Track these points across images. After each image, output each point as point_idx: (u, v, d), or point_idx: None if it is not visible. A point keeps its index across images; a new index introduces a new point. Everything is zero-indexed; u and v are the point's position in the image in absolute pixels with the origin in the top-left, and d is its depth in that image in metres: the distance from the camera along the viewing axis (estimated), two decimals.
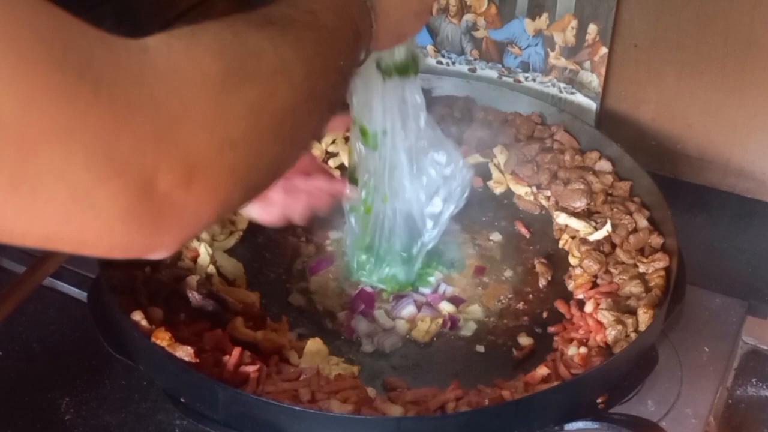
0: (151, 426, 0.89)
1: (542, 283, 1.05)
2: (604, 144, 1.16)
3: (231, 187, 0.51)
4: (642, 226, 1.04)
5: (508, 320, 1.02)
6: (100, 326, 0.89)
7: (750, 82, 1.17)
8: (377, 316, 1.01)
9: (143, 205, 0.45)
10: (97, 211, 0.43)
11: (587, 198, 1.10)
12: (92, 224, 0.44)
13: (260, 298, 1.00)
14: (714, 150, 1.25)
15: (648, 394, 0.92)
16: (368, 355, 0.97)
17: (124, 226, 0.45)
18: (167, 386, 0.85)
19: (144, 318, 0.87)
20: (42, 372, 0.95)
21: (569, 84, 1.27)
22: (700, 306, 1.05)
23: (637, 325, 0.91)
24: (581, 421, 0.83)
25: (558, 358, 0.91)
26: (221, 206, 0.51)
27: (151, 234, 0.47)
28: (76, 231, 0.44)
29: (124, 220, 0.45)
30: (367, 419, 0.81)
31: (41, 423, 0.90)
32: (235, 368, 0.85)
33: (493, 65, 1.32)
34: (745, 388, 1.01)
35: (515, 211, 1.16)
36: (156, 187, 0.45)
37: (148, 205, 0.45)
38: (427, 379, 0.93)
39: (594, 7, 1.20)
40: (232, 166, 0.50)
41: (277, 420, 0.79)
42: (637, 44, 1.22)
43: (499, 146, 1.21)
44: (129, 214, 0.45)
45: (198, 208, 0.49)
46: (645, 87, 1.25)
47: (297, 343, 0.94)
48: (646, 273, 0.99)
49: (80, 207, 0.43)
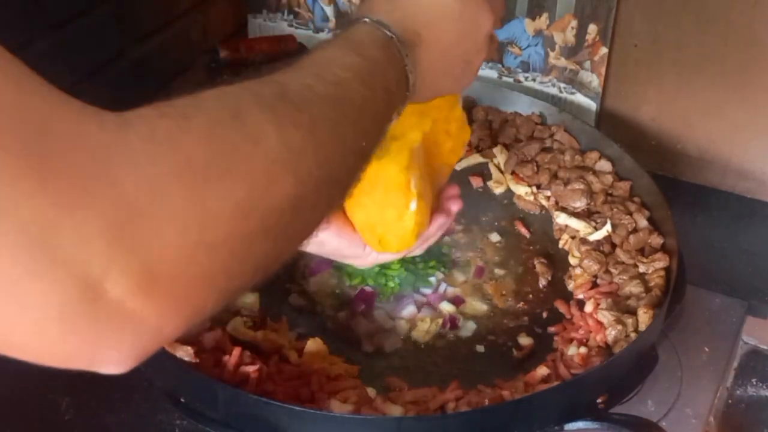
0: (151, 426, 0.89)
1: (542, 283, 1.05)
2: (604, 144, 1.17)
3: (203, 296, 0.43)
4: (642, 226, 1.04)
5: (508, 320, 1.02)
6: None
7: (750, 82, 1.17)
8: (377, 316, 1.01)
9: (83, 311, 0.38)
10: (23, 310, 0.37)
11: (587, 198, 1.10)
12: (18, 323, 0.37)
13: (260, 298, 1.00)
14: (714, 150, 1.25)
15: (648, 394, 0.92)
16: (368, 355, 0.97)
17: (57, 331, 0.38)
18: (167, 386, 0.85)
19: None
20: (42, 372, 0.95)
21: (569, 84, 1.27)
22: (700, 306, 1.05)
23: (637, 325, 0.91)
24: (581, 421, 0.83)
25: (558, 358, 0.91)
26: (190, 317, 0.43)
27: (94, 346, 0.40)
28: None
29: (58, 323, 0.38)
30: (367, 419, 0.81)
31: (41, 423, 0.90)
32: (235, 368, 0.85)
33: (493, 65, 1.32)
34: (745, 388, 1.01)
35: (515, 211, 1.16)
36: (103, 291, 0.38)
37: (91, 311, 0.38)
38: (427, 379, 0.93)
39: (594, 7, 1.20)
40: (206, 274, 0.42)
41: (277, 420, 0.79)
42: (637, 44, 1.22)
43: (499, 146, 1.21)
44: (64, 318, 0.37)
45: (159, 322, 0.41)
46: (645, 87, 1.25)
47: (297, 343, 0.94)
48: (646, 273, 0.99)
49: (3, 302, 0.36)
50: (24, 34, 1.00)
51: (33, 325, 0.38)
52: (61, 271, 0.37)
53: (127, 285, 0.38)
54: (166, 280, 0.40)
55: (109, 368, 0.42)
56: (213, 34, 1.40)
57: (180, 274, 0.40)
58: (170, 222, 0.40)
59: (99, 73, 1.15)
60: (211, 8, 1.38)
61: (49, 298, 0.37)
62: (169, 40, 1.29)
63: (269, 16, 1.43)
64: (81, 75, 1.11)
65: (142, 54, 1.23)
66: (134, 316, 0.39)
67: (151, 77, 1.25)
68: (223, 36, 1.42)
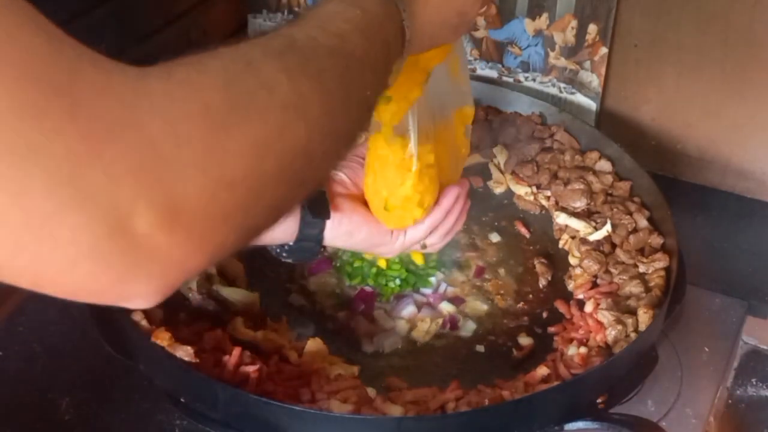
0: (151, 426, 0.89)
1: (542, 283, 1.05)
2: (604, 144, 1.16)
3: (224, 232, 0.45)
4: (642, 226, 1.04)
5: (508, 320, 1.02)
6: (100, 326, 0.89)
7: (750, 82, 1.17)
8: (377, 316, 1.01)
9: (113, 245, 0.40)
10: (55, 244, 0.39)
11: (587, 198, 1.10)
12: (50, 258, 0.39)
13: (260, 298, 1.00)
14: (714, 150, 1.25)
15: (648, 394, 0.92)
16: (368, 355, 0.97)
17: (89, 265, 0.40)
18: (167, 386, 0.85)
19: (144, 318, 0.87)
20: (42, 372, 0.95)
21: (569, 84, 1.27)
22: (700, 306, 1.05)
23: (637, 325, 0.91)
24: (581, 421, 0.83)
25: (558, 358, 0.91)
26: (212, 253, 0.45)
27: (124, 279, 0.42)
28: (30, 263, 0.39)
29: (90, 258, 0.40)
30: (367, 419, 0.81)
31: (41, 423, 0.90)
32: (235, 368, 0.85)
33: (493, 65, 1.32)
34: (745, 388, 1.01)
35: (515, 211, 1.16)
36: (131, 226, 0.40)
37: (120, 245, 0.40)
38: (427, 379, 0.93)
39: (594, 7, 1.20)
40: (226, 210, 0.45)
41: (277, 420, 0.79)
42: (637, 44, 1.22)
43: (499, 146, 1.21)
44: (95, 252, 0.39)
45: (183, 256, 0.43)
46: (645, 87, 1.25)
47: (297, 343, 0.94)
48: (646, 273, 0.99)
49: (35, 236, 0.38)
50: None
51: (65, 260, 0.39)
52: (92, 206, 0.38)
53: (153, 220, 0.40)
54: (189, 216, 0.42)
55: (136, 302, 0.44)
56: (213, 34, 1.40)
57: (202, 210, 0.43)
58: (192, 162, 0.42)
59: None
60: (211, 8, 1.38)
61: (81, 232, 0.39)
62: (169, 40, 1.29)
63: (269, 16, 1.43)
64: None
65: (142, 54, 1.23)
66: (160, 249, 0.41)
67: None
68: (223, 36, 1.42)
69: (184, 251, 0.43)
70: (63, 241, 0.39)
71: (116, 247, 0.40)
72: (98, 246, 0.39)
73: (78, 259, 0.39)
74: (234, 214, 0.45)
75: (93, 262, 0.40)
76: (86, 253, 0.39)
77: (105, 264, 0.40)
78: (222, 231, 0.45)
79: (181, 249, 0.43)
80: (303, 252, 0.86)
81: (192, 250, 0.43)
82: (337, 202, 0.86)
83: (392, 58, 0.65)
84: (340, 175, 0.89)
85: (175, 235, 0.42)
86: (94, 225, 0.39)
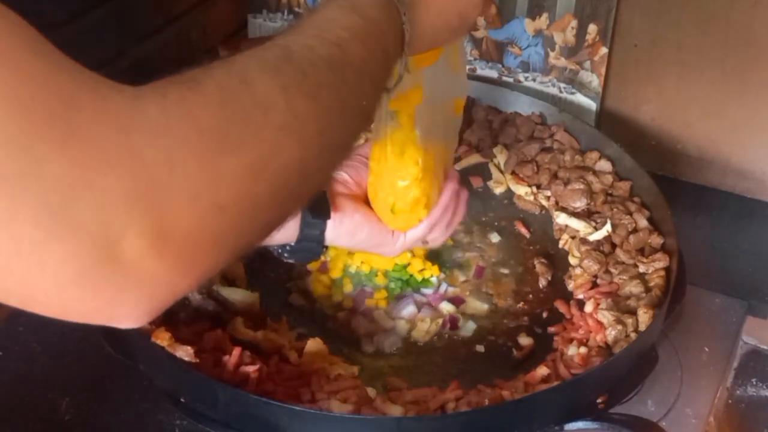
0: (151, 426, 0.89)
1: (542, 283, 1.05)
2: (604, 144, 1.16)
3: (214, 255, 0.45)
4: (642, 226, 1.04)
5: (508, 320, 1.02)
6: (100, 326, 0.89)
7: (750, 82, 1.17)
8: (377, 316, 1.01)
9: (101, 272, 0.40)
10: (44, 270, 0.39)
11: (587, 198, 1.10)
12: (37, 282, 0.39)
13: (260, 298, 1.00)
14: (714, 150, 1.25)
15: (648, 394, 0.92)
16: (368, 355, 0.97)
17: (77, 291, 0.40)
18: (167, 386, 0.85)
19: None
20: (42, 372, 0.95)
21: (569, 84, 1.27)
22: (700, 306, 1.05)
23: (637, 325, 0.91)
24: (581, 421, 0.83)
25: (558, 358, 0.91)
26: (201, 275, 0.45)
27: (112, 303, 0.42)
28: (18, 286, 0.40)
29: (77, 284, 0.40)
30: (367, 419, 0.81)
31: (41, 423, 0.90)
32: (235, 368, 0.85)
33: (493, 65, 1.32)
34: (745, 388, 1.01)
35: (515, 211, 1.16)
36: (120, 253, 0.40)
37: (108, 271, 0.40)
38: (427, 379, 0.93)
39: (594, 7, 1.20)
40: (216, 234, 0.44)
41: (277, 420, 0.79)
42: (637, 44, 1.22)
43: (499, 146, 1.21)
44: (83, 278, 0.40)
45: (172, 279, 0.43)
46: (645, 87, 1.25)
47: (297, 343, 0.94)
48: (646, 273, 0.99)
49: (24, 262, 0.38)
50: None
51: (52, 285, 0.40)
52: (80, 234, 0.39)
53: (142, 247, 0.40)
54: (179, 241, 0.42)
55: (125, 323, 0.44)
56: (213, 34, 1.40)
57: (192, 235, 0.43)
58: (184, 187, 0.42)
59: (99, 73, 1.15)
60: (211, 8, 1.38)
61: (68, 259, 0.39)
62: (169, 40, 1.29)
63: (269, 16, 1.43)
64: None
65: (142, 54, 1.23)
66: (149, 275, 0.42)
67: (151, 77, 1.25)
68: (223, 36, 1.42)
69: (173, 275, 0.43)
70: (50, 267, 0.39)
71: (104, 273, 0.40)
72: (85, 273, 0.40)
73: (65, 284, 0.40)
74: (225, 237, 0.45)
75: (80, 288, 0.40)
76: (73, 280, 0.40)
77: (92, 289, 0.40)
78: (212, 254, 0.45)
79: (170, 273, 0.43)
80: (305, 252, 0.86)
81: (181, 274, 0.43)
82: (339, 202, 0.86)
83: (391, 63, 0.64)
84: (342, 175, 0.89)
85: (165, 260, 0.42)
86: (82, 253, 0.39)
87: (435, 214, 0.88)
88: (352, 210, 0.86)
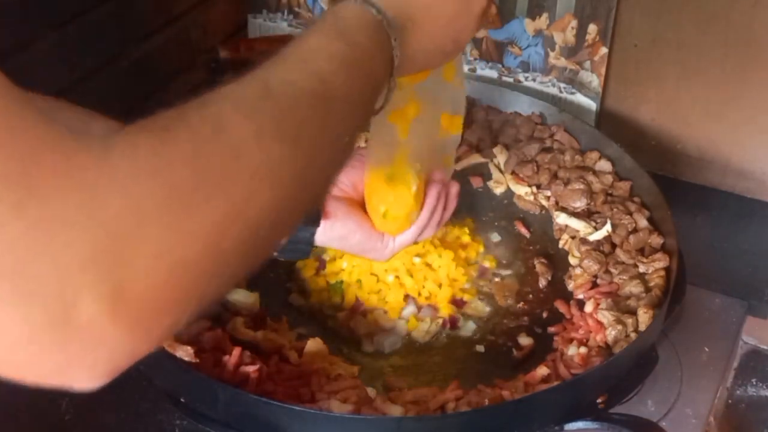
0: (151, 426, 0.89)
1: (542, 283, 1.05)
2: (604, 144, 1.16)
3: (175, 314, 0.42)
4: (642, 226, 1.04)
5: (508, 320, 1.02)
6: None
7: (750, 82, 1.17)
8: (377, 316, 1.01)
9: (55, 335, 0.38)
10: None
11: (587, 198, 1.10)
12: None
13: (260, 298, 1.00)
14: (714, 150, 1.25)
15: (648, 394, 0.92)
16: (368, 355, 0.97)
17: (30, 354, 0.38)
18: (167, 386, 0.85)
19: None
20: None
21: (569, 84, 1.27)
22: (700, 306, 1.05)
23: (637, 325, 0.91)
24: (581, 421, 0.83)
25: (558, 358, 0.91)
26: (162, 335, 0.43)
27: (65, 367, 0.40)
28: None
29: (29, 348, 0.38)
30: (367, 419, 0.81)
31: (41, 423, 0.90)
32: (235, 368, 0.85)
33: (493, 65, 1.32)
34: (745, 388, 1.01)
35: (515, 211, 1.16)
36: (75, 316, 0.38)
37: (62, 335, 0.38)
38: (427, 379, 0.93)
39: (594, 7, 1.20)
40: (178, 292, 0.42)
41: (277, 420, 0.79)
42: (637, 44, 1.22)
43: (499, 146, 1.21)
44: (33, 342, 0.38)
45: (130, 342, 0.41)
46: (645, 87, 1.25)
47: (297, 343, 0.94)
48: (646, 273, 0.99)
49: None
50: (24, 34, 1.00)
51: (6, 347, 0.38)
52: (33, 298, 0.37)
53: (98, 310, 0.38)
54: (137, 303, 0.40)
55: (82, 386, 0.42)
56: (213, 34, 1.40)
57: (152, 296, 0.40)
58: (147, 247, 0.39)
59: (99, 73, 1.15)
60: (211, 8, 1.38)
61: (20, 324, 0.37)
62: (169, 40, 1.29)
63: (269, 16, 1.43)
64: (81, 75, 1.11)
65: (142, 54, 1.23)
66: (105, 338, 0.39)
67: (151, 77, 1.25)
68: (223, 36, 1.42)
69: (130, 338, 0.41)
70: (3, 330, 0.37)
71: (57, 336, 0.38)
72: (37, 337, 0.38)
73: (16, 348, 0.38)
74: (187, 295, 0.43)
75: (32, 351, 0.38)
76: (24, 344, 0.38)
77: (45, 353, 0.39)
78: (173, 313, 0.42)
79: (128, 336, 0.40)
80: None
81: (139, 337, 0.41)
82: (332, 207, 0.85)
83: (380, 87, 0.62)
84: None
85: (122, 323, 0.39)
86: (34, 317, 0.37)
87: (422, 219, 0.88)
88: (345, 215, 0.86)
